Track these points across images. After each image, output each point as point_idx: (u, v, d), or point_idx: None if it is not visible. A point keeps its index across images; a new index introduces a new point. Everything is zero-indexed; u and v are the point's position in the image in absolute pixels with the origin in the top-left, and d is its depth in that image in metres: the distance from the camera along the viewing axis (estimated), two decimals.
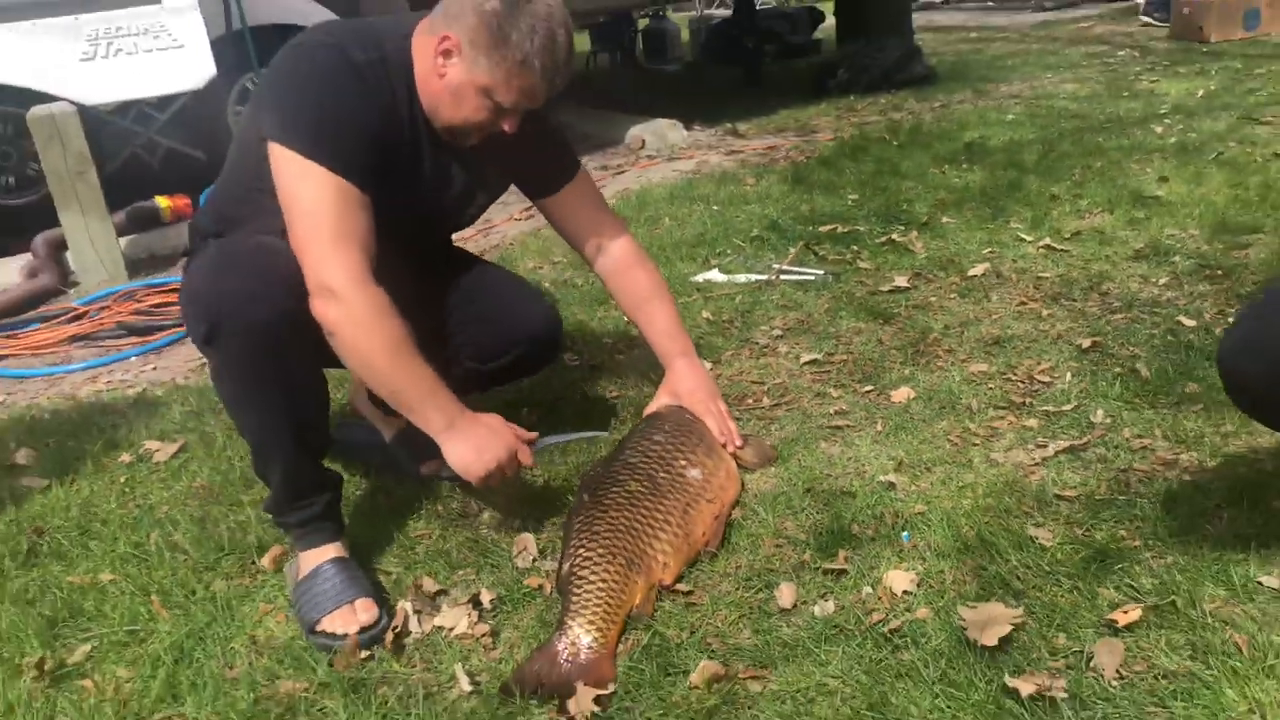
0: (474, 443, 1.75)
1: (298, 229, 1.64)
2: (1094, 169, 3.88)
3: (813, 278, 3.05)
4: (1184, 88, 5.18)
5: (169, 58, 4.20)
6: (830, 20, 7.82)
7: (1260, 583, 1.52)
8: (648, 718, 1.42)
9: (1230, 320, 2.32)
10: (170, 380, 2.90)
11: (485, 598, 1.73)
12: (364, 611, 1.70)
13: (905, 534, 1.76)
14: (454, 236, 2.22)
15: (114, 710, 1.57)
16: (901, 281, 2.93)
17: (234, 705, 1.55)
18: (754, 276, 3.12)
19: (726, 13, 9.13)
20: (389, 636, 1.66)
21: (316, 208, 1.63)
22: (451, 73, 1.70)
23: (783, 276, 3.09)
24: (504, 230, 4.05)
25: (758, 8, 7.97)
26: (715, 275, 3.17)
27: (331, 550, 1.80)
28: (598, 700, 1.44)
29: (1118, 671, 1.38)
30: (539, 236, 3.79)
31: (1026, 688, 1.34)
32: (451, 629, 1.68)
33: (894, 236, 3.33)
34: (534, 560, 1.81)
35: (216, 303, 1.62)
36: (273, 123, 1.66)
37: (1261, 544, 1.59)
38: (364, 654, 1.64)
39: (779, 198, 3.98)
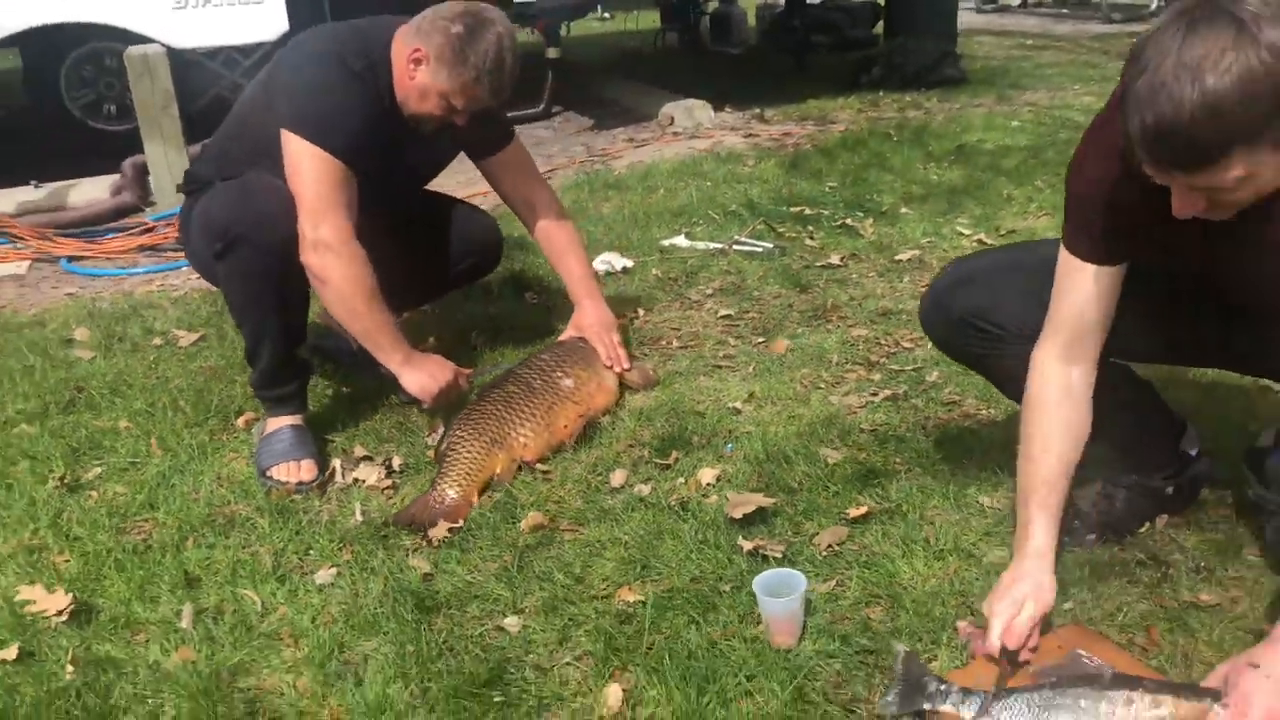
0: (428, 372, 2.25)
1: (303, 195, 2.12)
2: (1061, 177, 4.17)
3: (760, 250, 3.47)
4: None
5: (248, 11, 4.79)
6: None
7: (979, 502, 1.93)
8: (480, 545, 1.90)
9: None
10: (206, 288, 3.43)
11: (396, 462, 2.23)
12: (307, 471, 2.20)
13: (730, 445, 2.20)
14: None
15: (106, 511, 2.11)
16: (835, 259, 3.33)
17: (192, 514, 2.08)
18: (712, 245, 3.54)
19: None
20: (317, 482, 2.17)
21: (317, 180, 2.12)
22: (420, 77, 2.17)
23: (735, 247, 3.51)
24: None
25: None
26: (681, 240, 3.61)
27: (292, 419, 2.30)
28: (450, 530, 1.93)
29: (831, 546, 1.81)
30: None
31: (749, 545, 1.79)
32: (365, 481, 2.18)
33: (849, 221, 3.72)
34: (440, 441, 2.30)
35: (236, 224, 2.12)
36: (288, 115, 2.15)
37: (994, 476, 1.99)
38: (295, 496, 2.14)
39: (769, 179, 4.37)
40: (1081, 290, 1.51)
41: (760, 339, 2.76)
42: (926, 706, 1.39)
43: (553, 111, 6.38)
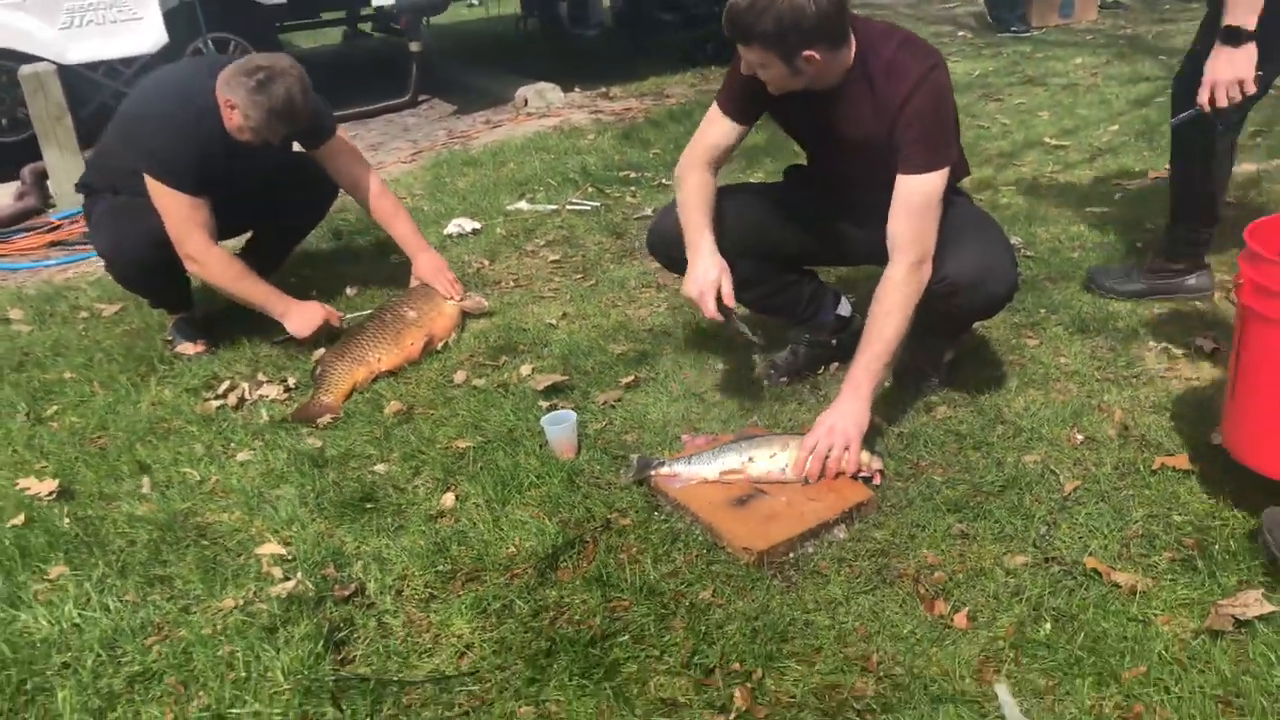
0: (304, 317, 3.02)
1: (168, 223, 2.90)
2: None
3: (589, 208, 4.21)
4: (969, 67, 6.30)
5: (129, 27, 5.31)
6: None
7: (717, 368, 2.71)
8: (356, 425, 2.62)
9: None
10: None
11: (290, 382, 2.92)
12: (198, 347, 3.10)
13: (545, 349, 2.94)
14: None
15: (67, 434, 2.75)
16: (648, 211, 4.09)
17: (137, 428, 2.74)
18: (549, 206, 4.27)
19: None
20: (233, 400, 2.85)
21: (175, 214, 2.89)
22: (234, 117, 2.84)
23: (568, 207, 4.24)
24: (391, 170, 5.19)
25: None
26: (523, 205, 4.33)
27: (184, 315, 3.20)
28: (332, 419, 2.65)
29: (607, 402, 2.58)
30: (409, 176, 4.94)
31: (547, 404, 2.55)
32: (268, 395, 2.86)
33: (665, 180, 4.48)
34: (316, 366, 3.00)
35: (108, 250, 2.99)
36: (142, 161, 2.88)
37: (731, 351, 2.77)
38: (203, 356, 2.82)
39: (605, 150, 5.11)
40: (719, 132, 2.37)
41: (579, 276, 3.51)
42: (651, 472, 2.18)
43: (420, 100, 7.01)
